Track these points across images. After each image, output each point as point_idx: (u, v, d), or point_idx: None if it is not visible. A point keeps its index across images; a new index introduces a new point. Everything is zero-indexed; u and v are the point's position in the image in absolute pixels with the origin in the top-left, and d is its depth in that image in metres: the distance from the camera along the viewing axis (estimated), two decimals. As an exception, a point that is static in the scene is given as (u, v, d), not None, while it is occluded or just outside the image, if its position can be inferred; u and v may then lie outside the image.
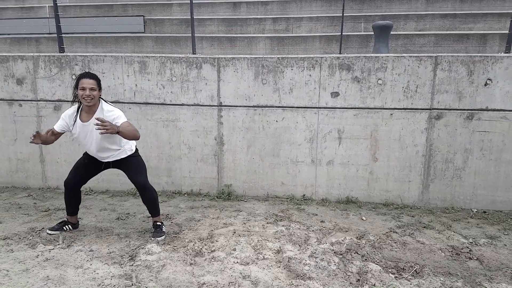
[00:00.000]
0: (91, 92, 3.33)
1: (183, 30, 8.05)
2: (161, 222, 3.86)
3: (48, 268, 3.12)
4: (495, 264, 3.33)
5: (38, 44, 7.72)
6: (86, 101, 3.35)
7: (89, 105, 3.39)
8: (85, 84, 3.32)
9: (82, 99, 3.36)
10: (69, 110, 3.55)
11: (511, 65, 4.41)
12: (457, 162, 4.68)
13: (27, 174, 5.47)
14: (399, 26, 7.29)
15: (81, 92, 3.33)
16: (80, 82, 3.34)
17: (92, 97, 3.35)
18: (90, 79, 3.36)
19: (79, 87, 3.34)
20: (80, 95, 3.35)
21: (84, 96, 3.32)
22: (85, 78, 3.35)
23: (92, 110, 3.45)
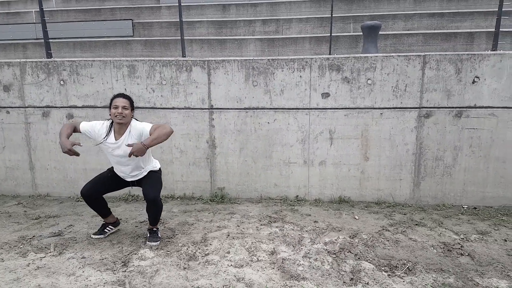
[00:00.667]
0: (123, 110, 3.39)
1: (172, 33, 8.03)
2: (157, 227, 3.85)
3: (39, 277, 3.09)
4: (486, 259, 3.36)
5: (25, 49, 7.64)
6: (118, 119, 3.39)
7: (120, 122, 3.42)
8: (118, 103, 3.39)
9: (114, 117, 3.40)
10: (100, 123, 3.59)
11: (498, 63, 4.46)
12: (447, 160, 4.72)
13: (16, 182, 5.41)
14: (387, 26, 7.35)
15: (113, 111, 3.39)
16: (114, 101, 3.42)
17: (124, 115, 3.40)
18: (124, 98, 3.45)
19: (112, 105, 3.41)
20: (112, 113, 3.40)
21: (117, 114, 3.38)
22: (118, 98, 3.44)
23: (123, 129, 3.50)
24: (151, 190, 3.54)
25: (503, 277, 3.06)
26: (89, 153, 5.15)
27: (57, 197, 5.31)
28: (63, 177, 5.29)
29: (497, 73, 4.49)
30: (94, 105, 5.06)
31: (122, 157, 3.55)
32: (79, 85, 5.05)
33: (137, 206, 4.86)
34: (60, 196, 5.33)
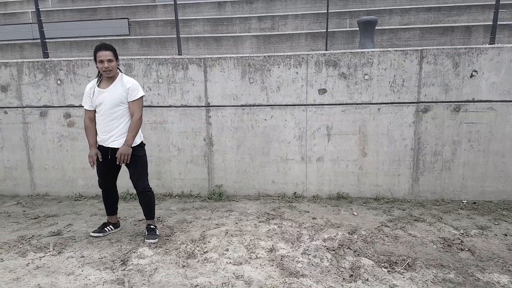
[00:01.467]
0: (109, 63, 3.43)
1: (168, 31, 8.01)
2: (154, 225, 3.86)
3: (39, 276, 3.09)
4: (486, 254, 3.36)
5: (22, 50, 7.62)
6: (106, 73, 3.47)
7: (109, 76, 3.51)
8: (102, 57, 3.41)
9: (102, 72, 3.49)
10: (90, 83, 3.66)
11: (496, 56, 4.45)
12: (445, 154, 4.71)
13: (15, 181, 5.40)
14: (384, 21, 7.33)
15: (100, 65, 3.45)
16: (98, 55, 3.43)
17: (110, 69, 3.46)
18: (106, 50, 3.44)
19: (98, 60, 3.44)
20: (99, 68, 3.47)
21: (104, 68, 3.43)
22: (101, 51, 3.43)
23: (112, 79, 3.56)
24: (139, 181, 3.67)
25: (504, 272, 3.06)
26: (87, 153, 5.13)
27: (56, 196, 5.31)
28: (62, 176, 5.28)
29: (495, 66, 4.47)
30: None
31: (105, 106, 3.51)
32: (76, 85, 5.03)
33: (135, 204, 4.85)
34: (58, 196, 5.32)
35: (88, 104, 3.63)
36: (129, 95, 3.53)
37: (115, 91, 3.50)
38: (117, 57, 3.53)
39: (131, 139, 3.51)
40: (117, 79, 3.56)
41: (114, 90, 3.51)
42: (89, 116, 3.66)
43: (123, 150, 3.48)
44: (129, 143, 3.50)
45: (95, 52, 3.46)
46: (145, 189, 3.69)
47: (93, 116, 3.66)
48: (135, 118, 3.54)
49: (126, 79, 3.58)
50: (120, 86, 3.53)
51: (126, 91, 3.52)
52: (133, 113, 3.55)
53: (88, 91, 3.61)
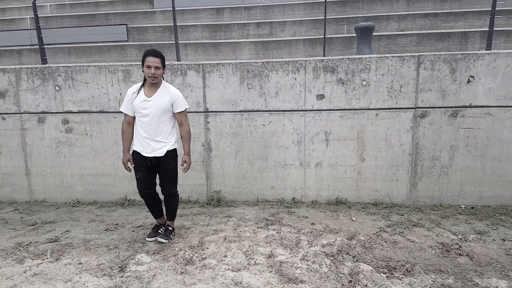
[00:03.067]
0: (156, 70, 3.48)
1: (166, 37, 8.03)
2: (173, 227, 4.00)
3: (36, 283, 3.07)
4: (485, 259, 3.36)
5: (20, 56, 7.63)
6: (151, 79, 3.51)
7: (153, 82, 3.55)
8: (150, 63, 3.46)
9: (147, 77, 3.52)
10: (132, 88, 3.70)
11: (493, 62, 4.48)
12: (443, 160, 4.72)
13: (13, 188, 5.38)
14: (381, 27, 7.37)
15: (147, 70, 3.49)
16: (146, 60, 3.48)
17: (156, 76, 3.51)
18: (156, 57, 3.49)
19: (145, 64, 3.48)
20: (145, 73, 3.51)
21: (150, 74, 3.47)
22: (151, 56, 3.47)
23: (155, 87, 3.61)
24: (169, 187, 3.81)
25: (502, 277, 3.05)
26: (86, 158, 5.14)
27: (54, 202, 5.29)
28: (59, 182, 5.26)
29: (491, 72, 4.50)
30: (90, 110, 5.05)
31: (150, 117, 3.58)
32: (74, 91, 5.03)
33: (133, 211, 4.84)
34: (56, 202, 5.30)
35: (127, 109, 3.68)
36: (176, 106, 3.63)
37: (161, 100, 3.57)
38: (164, 65, 3.59)
39: (189, 148, 3.74)
40: (161, 87, 3.62)
41: (160, 98, 3.57)
42: (128, 120, 3.73)
43: (188, 160, 3.73)
44: (188, 152, 3.74)
45: (144, 56, 3.50)
46: (174, 193, 3.88)
47: (131, 121, 3.72)
48: (186, 128, 3.71)
49: (172, 89, 3.65)
50: (166, 94, 3.60)
51: (172, 101, 3.60)
52: (182, 122, 3.70)
53: (130, 96, 3.65)
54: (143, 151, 3.66)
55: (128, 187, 5.16)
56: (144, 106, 3.56)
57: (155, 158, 3.69)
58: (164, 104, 3.57)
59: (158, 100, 3.56)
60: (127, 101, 3.67)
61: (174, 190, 3.86)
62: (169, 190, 3.82)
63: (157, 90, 3.59)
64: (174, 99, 3.60)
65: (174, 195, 3.89)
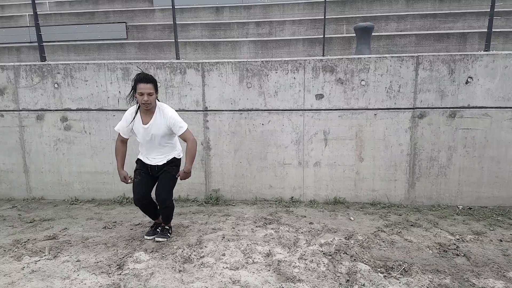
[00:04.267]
0: (149, 97, 3.40)
1: (166, 36, 8.02)
2: (169, 226, 3.99)
3: (34, 280, 3.07)
4: (482, 259, 3.37)
5: (19, 53, 7.62)
6: (145, 106, 3.45)
7: (147, 109, 3.49)
8: (142, 90, 3.37)
9: (141, 104, 3.45)
10: (130, 109, 3.63)
11: (491, 63, 4.49)
12: (441, 160, 4.74)
13: (10, 185, 5.37)
14: (380, 27, 7.38)
15: (139, 97, 3.41)
16: (138, 87, 3.39)
17: (149, 102, 3.43)
18: (147, 83, 3.39)
19: (137, 92, 3.39)
20: (138, 99, 3.43)
21: (143, 101, 3.40)
22: (142, 83, 3.38)
23: (150, 112, 3.54)
24: (165, 195, 3.67)
25: (499, 277, 3.07)
26: (84, 156, 5.14)
27: (52, 200, 5.28)
28: (58, 180, 5.26)
29: (490, 73, 4.51)
30: (89, 108, 5.04)
31: (150, 140, 3.58)
32: (73, 88, 5.03)
33: (131, 209, 4.84)
34: (54, 199, 5.30)
35: (122, 130, 3.63)
36: (175, 130, 3.55)
37: (158, 126, 3.52)
38: (157, 89, 3.50)
39: (190, 165, 3.56)
40: (156, 112, 3.55)
41: (157, 125, 3.52)
42: (122, 139, 3.70)
43: (184, 177, 3.63)
44: (189, 170, 3.59)
45: (135, 82, 3.42)
46: (169, 204, 3.72)
47: (126, 140, 3.70)
48: (189, 145, 3.53)
49: (167, 112, 3.54)
50: (162, 119, 3.53)
51: (169, 125, 3.53)
52: (185, 140, 3.57)
53: (129, 118, 3.58)
54: (147, 160, 3.70)
55: (127, 185, 5.15)
56: (142, 132, 3.55)
57: (157, 167, 3.70)
58: (162, 130, 3.54)
59: (155, 127, 3.52)
60: (124, 123, 3.61)
61: (169, 199, 3.72)
62: (164, 198, 3.66)
63: (153, 116, 3.53)
64: (171, 124, 3.53)
65: (168, 206, 3.74)
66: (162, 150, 3.67)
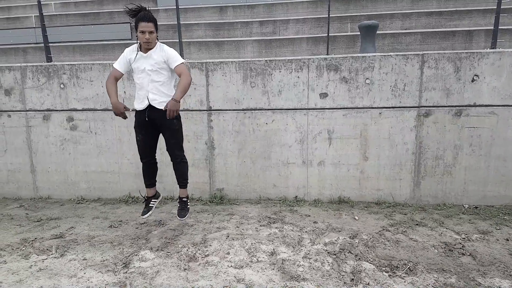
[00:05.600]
0: (150, 35, 3.48)
1: (170, 36, 8.05)
2: (186, 196, 4.05)
3: (41, 279, 3.10)
4: (488, 259, 3.35)
5: (25, 54, 7.68)
6: (146, 45, 3.53)
7: (148, 48, 3.56)
8: (144, 28, 3.46)
9: (142, 42, 3.53)
10: (129, 48, 3.70)
11: (497, 61, 4.46)
12: (447, 159, 4.72)
13: (18, 184, 5.42)
14: (385, 25, 7.36)
15: (141, 36, 3.49)
16: (139, 26, 3.47)
17: (151, 41, 3.51)
18: (149, 22, 3.48)
19: (139, 30, 3.48)
20: (140, 38, 3.52)
21: (144, 39, 3.48)
22: (144, 22, 3.47)
23: (150, 47, 3.60)
24: (176, 151, 3.80)
25: (505, 276, 3.05)
26: (90, 156, 5.17)
27: (58, 199, 5.33)
28: (64, 179, 5.30)
29: (496, 71, 4.48)
30: (94, 108, 5.08)
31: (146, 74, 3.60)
32: (79, 88, 5.07)
33: (137, 208, 4.86)
34: (61, 199, 5.34)
35: (120, 65, 3.67)
36: (170, 62, 3.57)
37: (155, 56, 3.57)
38: (157, 28, 3.58)
39: (180, 94, 3.44)
40: (156, 47, 3.61)
41: (155, 54, 3.58)
42: (115, 74, 3.68)
43: (171, 106, 3.39)
44: (178, 98, 3.42)
45: (137, 21, 3.49)
46: (182, 159, 3.86)
47: (119, 77, 3.71)
48: (183, 76, 3.49)
49: (165, 47, 3.62)
50: (159, 51, 3.59)
51: (165, 58, 3.57)
52: (181, 73, 3.54)
53: (128, 54, 3.65)
54: (141, 103, 3.68)
55: (132, 184, 5.19)
56: (140, 65, 3.59)
57: (156, 112, 3.65)
58: (158, 60, 3.57)
59: (151, 57, 3.57)
60: (123, 58, 3.67)
61: (181, 154, 3.82)
62: (175, 154, 3.79)
63: (153, 48, 3.61)
64: (167, 55, 3.57)
65: (182, 161, 3.86)
66: (159, 87, 3.64)
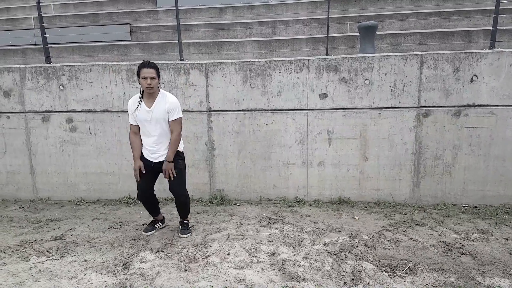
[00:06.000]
0: (151, 81, 3.57)
1: (170, 37, 8.05)
2: (188, 220, 4.13)
3: (41, 280, 3.10)
4: (487, 258, 3.36)
5: (24, 55, 7.67)
6: (148, 90, 3.60)
7: (150, 92, 3.63)
8: (146, 74, 3.55)
9: (144, 88, 3.61)
10: (131, 99, 3.80)
11: (496, 61, 4.47)
12: (446, 159, 4.73)
13: (17, 186, 5.42)
14: (384, 26, 7.36)
15: (143, 82, 3.58)
16: (141, 72, 3.58)
17: (152, 86, 3.59)
18: (150, 68, 3.58)
19: (141, 76, 3.58)
20: (142, 84, 3.61)
21: (146, 85, 3.56)
22: (145, 68, 3.57)
23: (153, 96, 3.69)
24: (178, 189, 3.85)
25: (505, 276, 3.06)
26: (90, 157, 5.17)
27: (58, 201, 5.32)
28: (64, 181, 5.30)
29: (495, 71, 4.49)
30: (94, 109, 5.08)
31: (152, 124, 3.68)
32: (78, 90, 5.07)
33: (137, 209, 4.87)
34: (61, 200, 5.34)
35: (132, 120, 3.78)
36: (170, 115, 3.68)
37: (160, 109, 3.65)
38: (159, 75, 3.68)
39: (171, 155, 3.70)
40: (158, 96, 3.70)
41: (159, 108, 3.65)
42: (134, 130, 3.80)
43: (166, 167, 3.69)
44: (170, 159, 3.69)
45: (139, 68, 3.60)
46: (183, 195, 3.91)
47: (137, 130, 3.80)
48: (174, 135, 3.71)
49: (169, 97, 3.71)
50: (163, 103, 3.67)
51: (168, 109, 3.66)
52: (173, 130, 3.72)
53: (131, 107, 3.74)
54: (149, 156, 3.78)
55: (132, 185, 5.18)
56: (146, 117, 3.66)
57: (160, 163, 3.77)
58: (162, 113, 3.66)
59: (157, 110, 3.65)
60: (130, 111, 3.76)
61: (183, 192, 3.91)
62: (179, 193, 3.87)
63: (155, 100, 3.68)
64: (169, 108, 3.66)
65: (184, 200, 3.95)
66: (163, 138, 3.73)
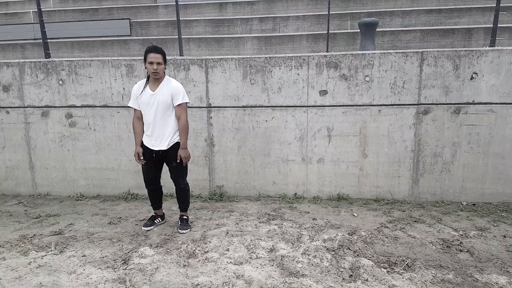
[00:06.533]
0: (158, 66, 3.62)
1: (169, 32, 8.03)
2: (187, 216, 4.13)
3: (41, 275, 3.11)
4: (485, 255, 3.37)
5: (24, 50, 7.65)
6: (154, 75, 3.65)
7: (156, 78, 3.69)
8: (152, 59, 3.60)
9: (150, 73, 3.67)
10: (137, 84, 3.86)
11: (496, 59, 4.47)
12: (445, 156, 4.73)
13: (16, 181, 5.41)
14: (385, 23, 7.35)
15: (149, 66, 3.63)
16: (148, 57, 3.62)
17: (158, 71, 3.64)
18: (157, 53, 3.62)
19: (147, 61, 3.62)
20: (148, 69, 3.66)
21: (152, 70, 3.62)
22: (152, 53, 3.61)
23: (159, 81, 3.74)
24: (179, 180, 3.92)
25: (502, 273, 3.07)
26: (89, 153, 5.17)
27: (57, 196, 5.32)
28: (63, 176, 5.30)
29: (495, 69, 4.49)
30: (93, 104, 5.07)
31: (154, 110, 3.70)
32: (77, 85, 5.06)
33: (136, 204, 4.87)
34: (60, 195, 5.34)
35: (135, 104, 3.83)
36: (175, 99, 3.71)
37: (163, 93, 3.68)
38: (165, 60, 3.72)
39: (185, 141, 3.77)
40: (164, 81, 3.74)
41: (162, 92, 3.68)
42: (137, 115, 3.86)
43: (183, 154, 3.75)
44: (185, 146, 3.76)
45: (146, 53, 3.64)
46: (184, 186, 3.99)
47: (140, 115, 3.83)
48: (183, 122, 3.75)
49: (174, 83, 3.75)
50: (167, 88, 3.71)
51: (172, 94, 3.70)
52: (179, 116, 3.76)
53: (136, 91, 3.79)
54: (149, 143, 3.80)
55: (131, 181, 5.19)
56: (149, 101, 3.68)
57: (160, 151, 3.79)
58: (166, 97, 3.68)
59: (160, 94, 3.68)
60: (134, 97, 3.80)
61: (183, 182, 3.96)
62: (179, 182, 3.92)
63: (160, 84, 3.70)
64: (174, 92, 3.70)
65: (184, 188, 3.99)
66: (164, 126, 3.74)
